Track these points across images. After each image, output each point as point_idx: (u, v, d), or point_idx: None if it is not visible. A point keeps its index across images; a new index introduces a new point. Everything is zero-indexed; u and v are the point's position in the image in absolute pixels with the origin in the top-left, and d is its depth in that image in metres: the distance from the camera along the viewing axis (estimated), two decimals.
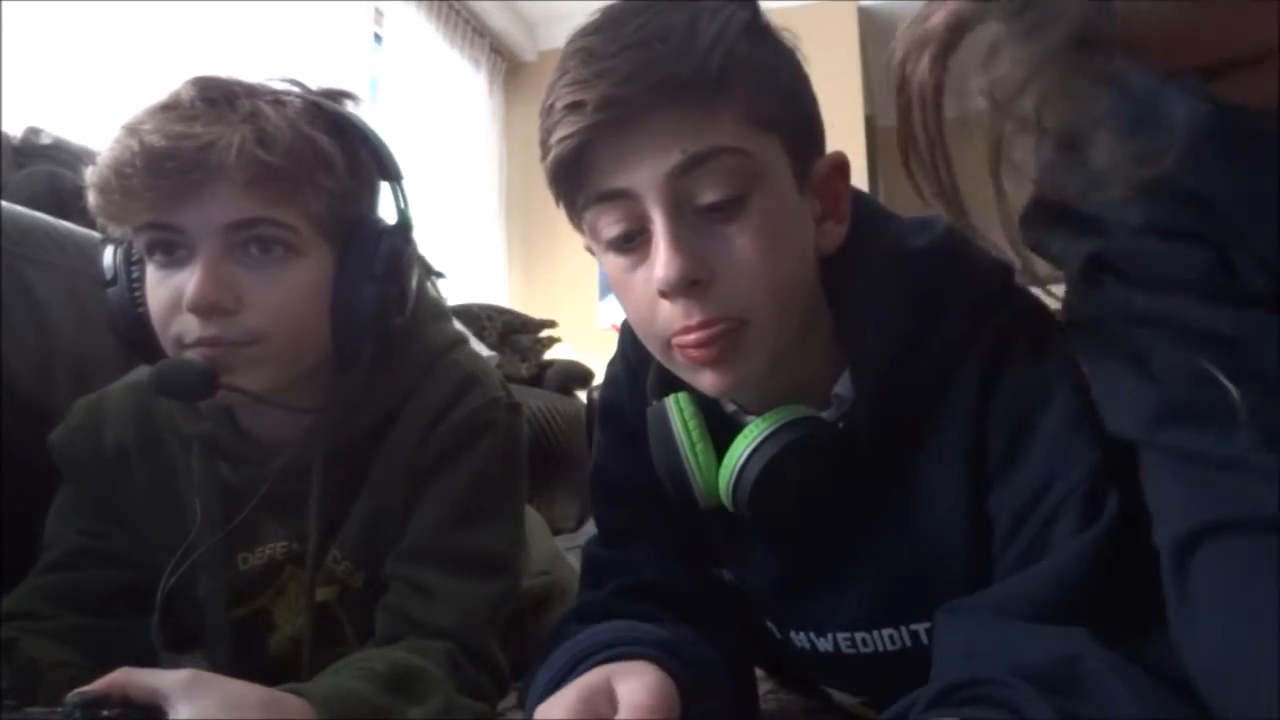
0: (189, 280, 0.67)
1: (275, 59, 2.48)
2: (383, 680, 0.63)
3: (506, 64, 4.02)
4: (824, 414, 0.62)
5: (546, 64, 3.99)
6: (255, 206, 0.67)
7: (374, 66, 3.15)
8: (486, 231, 3.70)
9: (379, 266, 0.73)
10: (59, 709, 0.52)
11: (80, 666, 0.70)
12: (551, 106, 0.56)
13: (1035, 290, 0.62)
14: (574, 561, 1.22)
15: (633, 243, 0.58)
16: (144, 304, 0.71)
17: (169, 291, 0.68)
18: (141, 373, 0.81)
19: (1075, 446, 0.56)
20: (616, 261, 0.59)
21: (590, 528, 0.80)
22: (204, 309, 0.67)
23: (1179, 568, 0.47)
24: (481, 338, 2.22)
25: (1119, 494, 0.54)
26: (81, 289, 0.98)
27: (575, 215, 0.60)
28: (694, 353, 0.57)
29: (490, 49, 3.88)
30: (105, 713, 0.51)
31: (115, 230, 0.72)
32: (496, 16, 3.82)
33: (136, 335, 0.72)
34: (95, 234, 1.00)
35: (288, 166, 0.67)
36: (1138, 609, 0.49)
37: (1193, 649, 0.46)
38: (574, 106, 0.54)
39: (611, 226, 0.58)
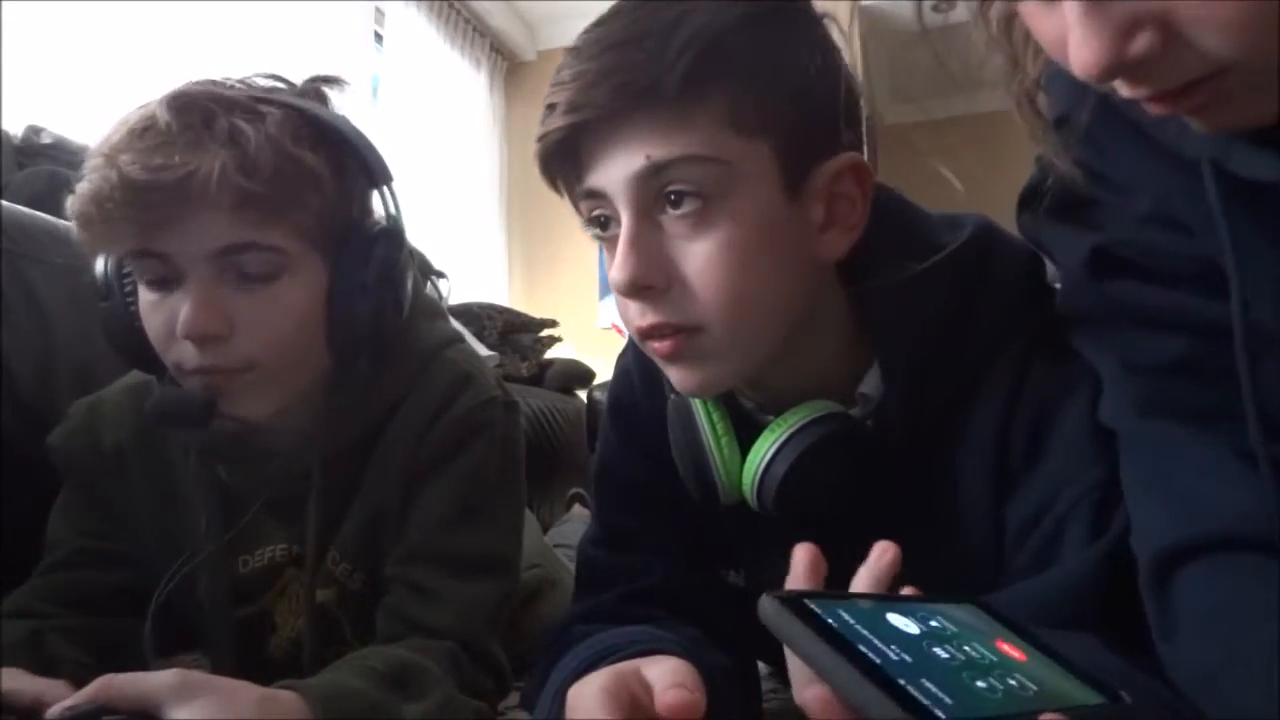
0: (181, 305, 0.66)
1: (275, 58, 2.48)
2: (380, 677, 0.63)
3: (507, 64, 4.02)
4: (851, 412, 0.61)
5: (546, 64, 3.99)
6: (242, 231, 0.66)
7: (374, 66, 3.15)
8: (487, 231, 3.70)
9: (373, 275, 0.72)
10: None
11: (85, 665, 0.70)
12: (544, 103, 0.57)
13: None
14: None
15: (608, 231, 0.58)
16: (139, 316, 0.70)
17: (164, 317, 0.68)
18: (140, 374, 0.81)
19: (1093, 452, 0.55)
20: (605, 253, 0.60)
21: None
22: (197, 338, 0.66)
23: (1159, 586, 0.48)
24: (482, 337, 2.22)
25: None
26: (83, 288, 0.98)
27: (574, 203, 0.61)
28: (656, 345, 0.57)
29: (490, 49, 3.87)
30: None
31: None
32: (497, 16, 3.81)
33: (133, 346, 0.71)
34: None
35: (271, 191, 0.66)
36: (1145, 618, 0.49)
37: (1177, 666, 0.46)
38: (550, 108, 0.55)
39: (594, 214, 0.59)
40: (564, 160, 0.57)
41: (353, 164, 0.74)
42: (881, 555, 0.42)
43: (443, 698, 0.65)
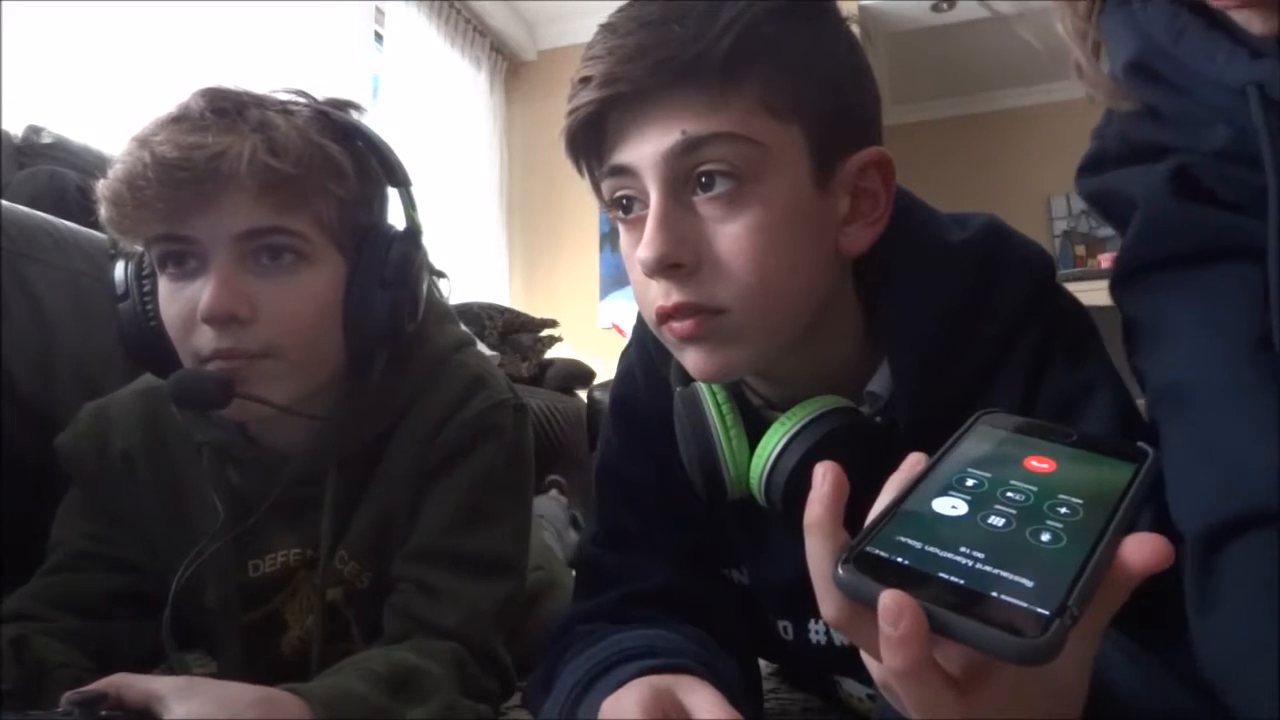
0: (202, 291, 0.67)
1: (276, 58, 2.48)
2: (382, 681, 0.63)
3: (507, 63, 4.02)
4: (860, 409, 0.61)
5: (547, 63, 3.99)
6: (267, 215, 0.68)
7: (375, 66, 3.15)
8: (487, 231, 3.70)
9: (390, 273, 0.73)
10: (58, 711, 0.51)
11: (83, 667, 0.70)
12: (573, 79, 0.56)
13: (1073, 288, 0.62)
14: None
15: (631, 214, 0.58)
16: (156, 318, 0.70)
17: (183, 304, 0.68)
18: (148, 379, 0.81)
19: None
20: (624, 235, 0.59)
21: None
22: (219, 319, 0.67)
23: (1206, 560, 0.46)
24: (482, 337, 2.22)
25: (1155, 505, 0.52)
26: (83, 288, 0.98)
27: (594, 185, 0.60)
28: (676, 326, 0.56)
29: (491, 48, 3.87)
30: (104, 713, 0.51)
31: (126, 244, 0.72)
32: (497, 16, 3.82)
33: (149, 348, 0.71)
34: (97, 234, 1.00)
35: (299, 174, 0.68)
36: (1167, 619, 0.48)
37: (1214, 643, 0.45)
38: (584, 81, 0.55)
39: (617, 194, 0.58)
40: (591, 136, 0.57)
41: (374, 166, 0.76)
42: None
43: (444, 702, 0.66)
